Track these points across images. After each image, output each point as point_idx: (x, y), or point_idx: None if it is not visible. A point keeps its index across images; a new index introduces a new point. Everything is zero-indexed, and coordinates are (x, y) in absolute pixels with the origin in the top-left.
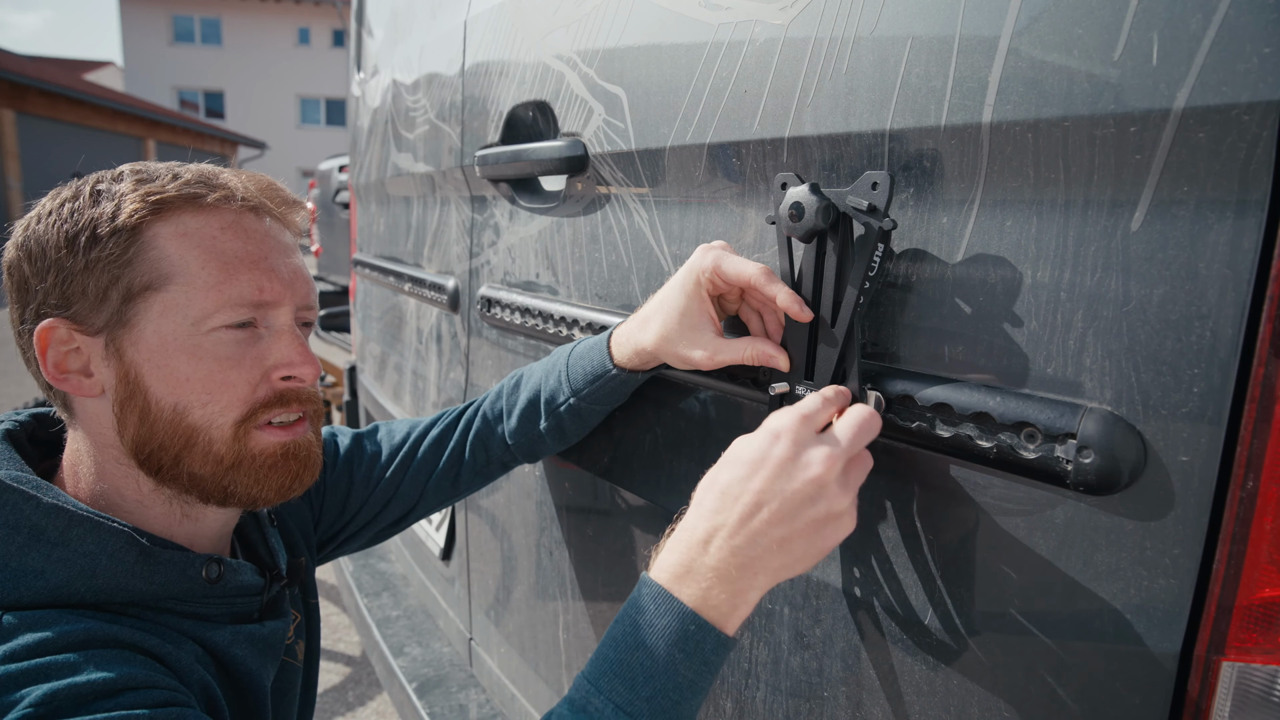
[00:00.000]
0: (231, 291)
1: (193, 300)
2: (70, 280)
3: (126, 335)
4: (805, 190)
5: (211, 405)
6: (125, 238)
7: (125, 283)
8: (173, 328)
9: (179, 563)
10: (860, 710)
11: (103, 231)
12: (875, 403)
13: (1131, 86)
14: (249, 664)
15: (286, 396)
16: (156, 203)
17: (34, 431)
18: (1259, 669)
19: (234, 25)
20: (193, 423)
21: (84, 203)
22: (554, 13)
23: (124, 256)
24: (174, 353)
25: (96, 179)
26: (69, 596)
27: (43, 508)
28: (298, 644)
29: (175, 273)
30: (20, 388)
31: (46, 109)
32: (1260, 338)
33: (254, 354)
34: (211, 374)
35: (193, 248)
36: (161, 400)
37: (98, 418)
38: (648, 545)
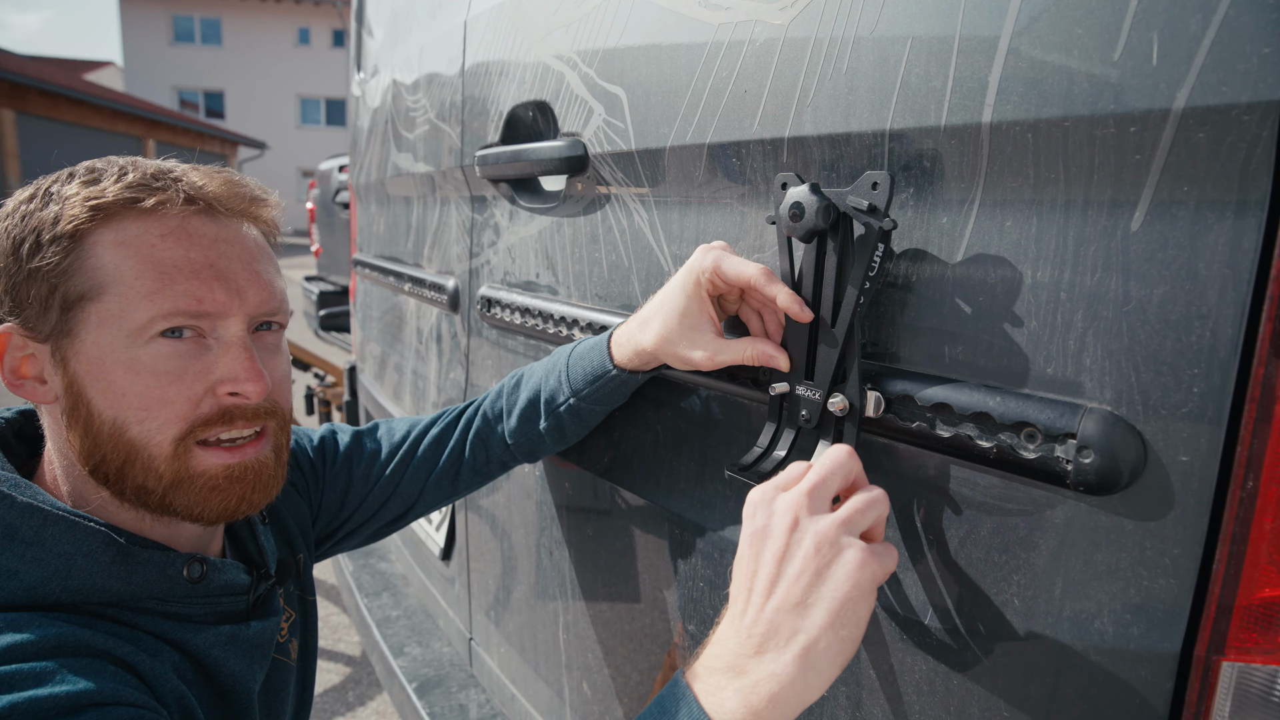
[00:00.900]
0: (166, 302)
1: (126, 311)
2: (17, 287)
3: (70, 345)
4: (805, 190)
5: (149, 421)
6: (65, 245)
7: (63, 291)
8: (109, 340)
9: (158, 562)
10: (860, 710)
11: (45, 238)
12: (875, 403)
13: (1131, 86)
14: (232, 666)
15: (231, 413)
16: (96, 208)
17: (21, 428)
18: (1259, 669)
19: (234, 25)
20: (131, 438)
21: (35, 205)
22: (554, 13)
23: (62, 264)
24: (111, 366)
25: (53, 179)
26: (44, 597)
27: (17, 506)
28: (291, 642)
29: (110, 282)
30: None
31: (47, 109)
32: (1260, 338)
33: (198, 367)
34: (149, 389)
35: (129, 256)
36: (102, 414)
37: (57, 424)
38: (648, 545)
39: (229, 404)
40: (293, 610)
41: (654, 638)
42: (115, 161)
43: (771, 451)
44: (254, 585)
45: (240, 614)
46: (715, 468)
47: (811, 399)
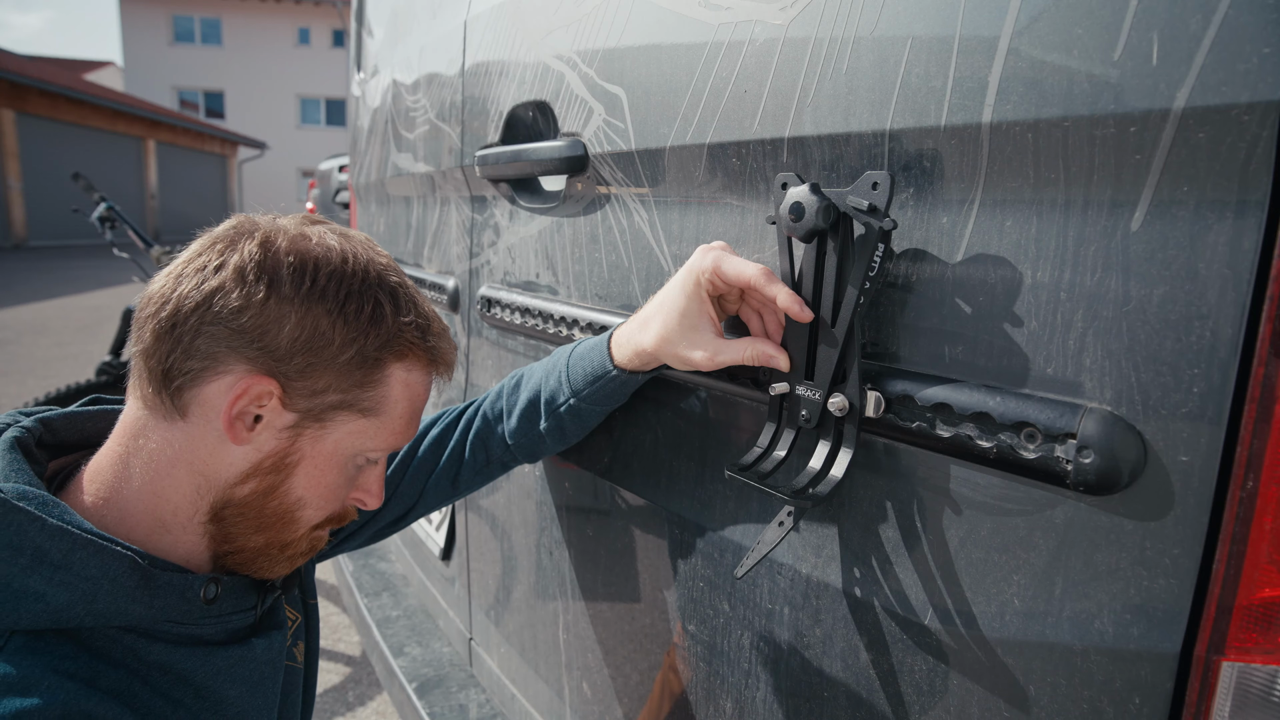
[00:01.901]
0: (396, 442)
1: (377, 438)
2: (317, 368)
3: (314, 430)
4: (805, 190)
5: (321, 510)
6: (376, 366)
7: (351, 397)
8: (349, 447)
9: (178, 585)
10: (860, 710)
11: (369, 353)
12: (875, 403)
13: (1131, 86)
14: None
15: (346, 515)
16: (409, 352)
17: (41, 436)
18: (1259, 669)
19: (234, 25)
20: (299, 516)
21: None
22: (554, 13)
23: (366, 379)
24: (334, 464)
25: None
26: (68, 620)
27: (48, 529)
28: (297, 645)
29: (384, 411)
30: (20, 388)
31: (47, 109)
32: (1260, 338)
33: (358, 475)
34: (338, 488)
35: (404, 399)
36: (293, 490)
37: (213, 450)
38: (648, 545)
39: (349, 507)
40: (297, 614)
41: (654, 638)
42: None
43: (771, 451)
44: (261, 599)
45: (248, 628)
46: (715, 468)
47: (811, 399)
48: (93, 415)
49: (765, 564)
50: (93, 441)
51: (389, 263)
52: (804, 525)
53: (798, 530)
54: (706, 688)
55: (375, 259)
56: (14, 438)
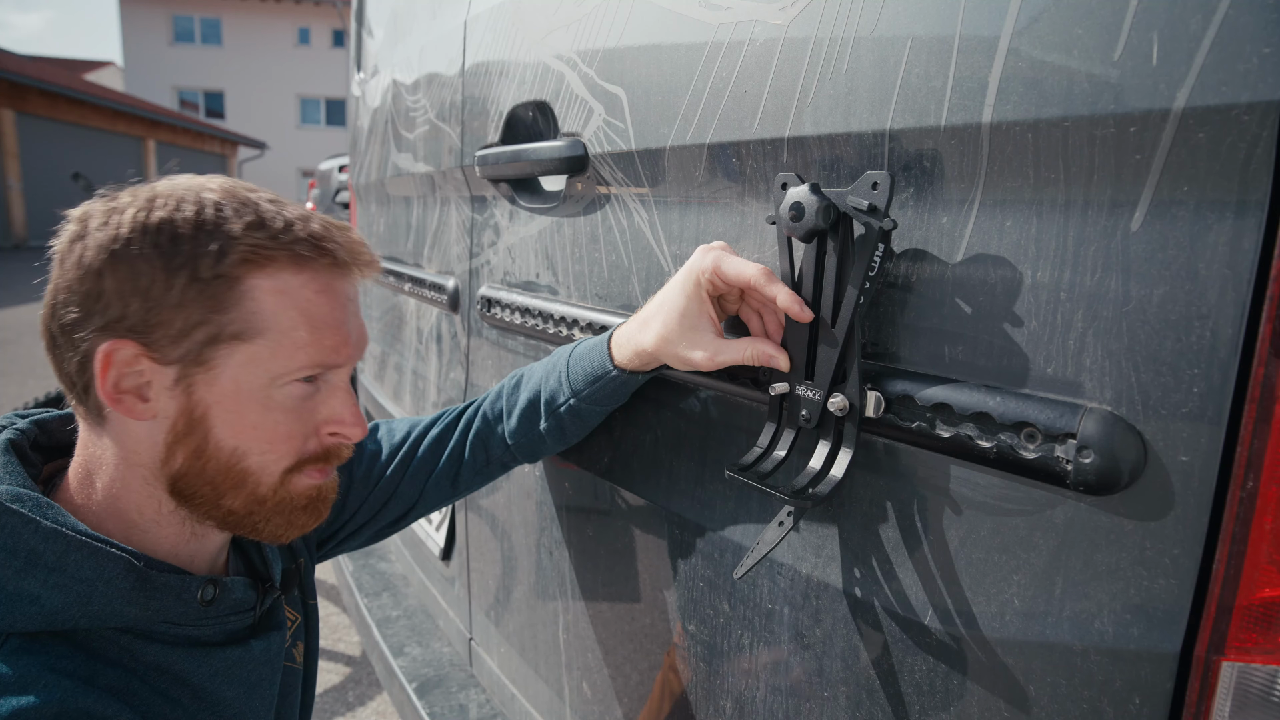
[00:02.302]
0: (316, 355)
1: (277, 357)
2: (158, 310)
3: (201, 375)
4: (805, 190)
5: (269, 454)
6: (225, 284)
7: (214, 327)
8: (251, 378)
9: (175, 586)
10: (860, 710)
11: (205, 274)
12: (875, 403)
13: (1131, 86)
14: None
15: (331, 453)
16: (263, 255)
17: (35, 438)
18: (1259, 669)
19: (234, 25)
20: (247, 466)
21: (186, 230)
22: (554, 13)
23: (220, 303)
24: (247, 402)
25: (197, 201)
26: (63, 622)
27: (41, 531)
28: (297, 645)
29: (267, 329)
30: (20, 388)
31: (47, 109)
32: (1260, 338)
33: (309, 406)
34: (277, 425)
35: (288, 307)
36: (222, 442)
37: (137, 438)
38: (648, 545)
39: (330, 444)
40: (296, 614)
41: (654, 638)
42: (266, 200)
43: (771, 451)
44: (260, 600)
45: (247, 629)
46: (715, 468)
47: (811, 399)
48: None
49: (765, 564)
50: None
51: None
52: (804, 525)
53: (798, 530)
54: (706, 688)
55: (203, 182)
56: (8, 440)
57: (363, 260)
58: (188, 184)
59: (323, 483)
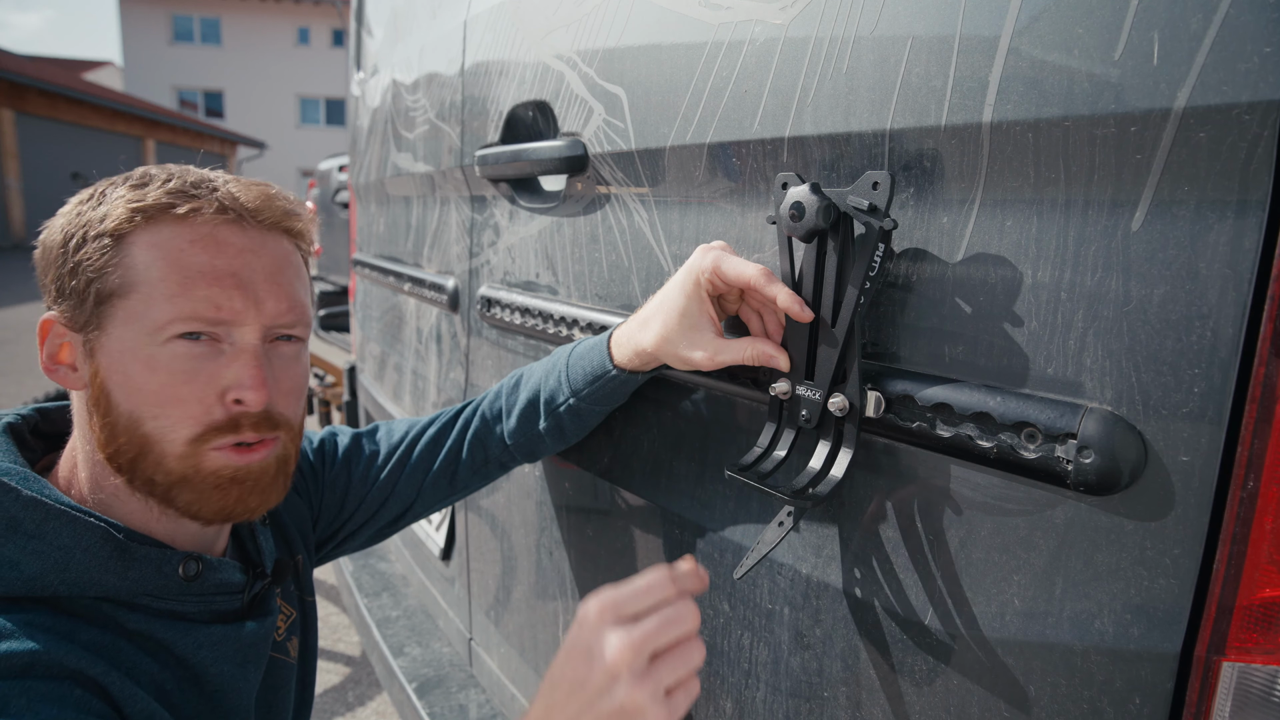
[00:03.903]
0: (185, 305)
1: (149, 310)
2: (61, 278)
3: (98, 338)
4: (806, 190)
5: (163, 418)
6: (106, 243)
7: (97, 287)
8: (132, 336)
9: (154, 559)
10: (860, 710)
11: (90, 235)
12: (875, 403)
13: (1132, 86)
14: (221, 668)
15: (239, 421)
16: (137, 210)
17: (36, 425)
18: (1259, 669)
19: (234, 25)
20: (146, 432)
21: (89, 205)
22: (554, 13)
23: (100, 261)
24: (131, 361)
25: (109, 182)
26: (43, 589)
27: (21, 500)
28: (291, 640)
29: (139, 281)
30: (20, 387)
31: (46, 109)
32: (1260, 338)
33: (209, 370)
34: (164, 386)
35: (159, 259)
36: (120, 405)
37: (83, 410)
38: (648, 545)
39: (235, 412)
40: (292, 609)
41: None
42: (168, 168)
43: (771, 452)
44: (249, 584)
45: (235, 613)
46: (715, 468)
47: (812, 399)
48: None
49: (765, 564)
50: None
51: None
52: (804, 525)
53: (798, 530)
54: (706, 688)
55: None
56: (7, 424)
57: (264, 213)
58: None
59: (240, 464)
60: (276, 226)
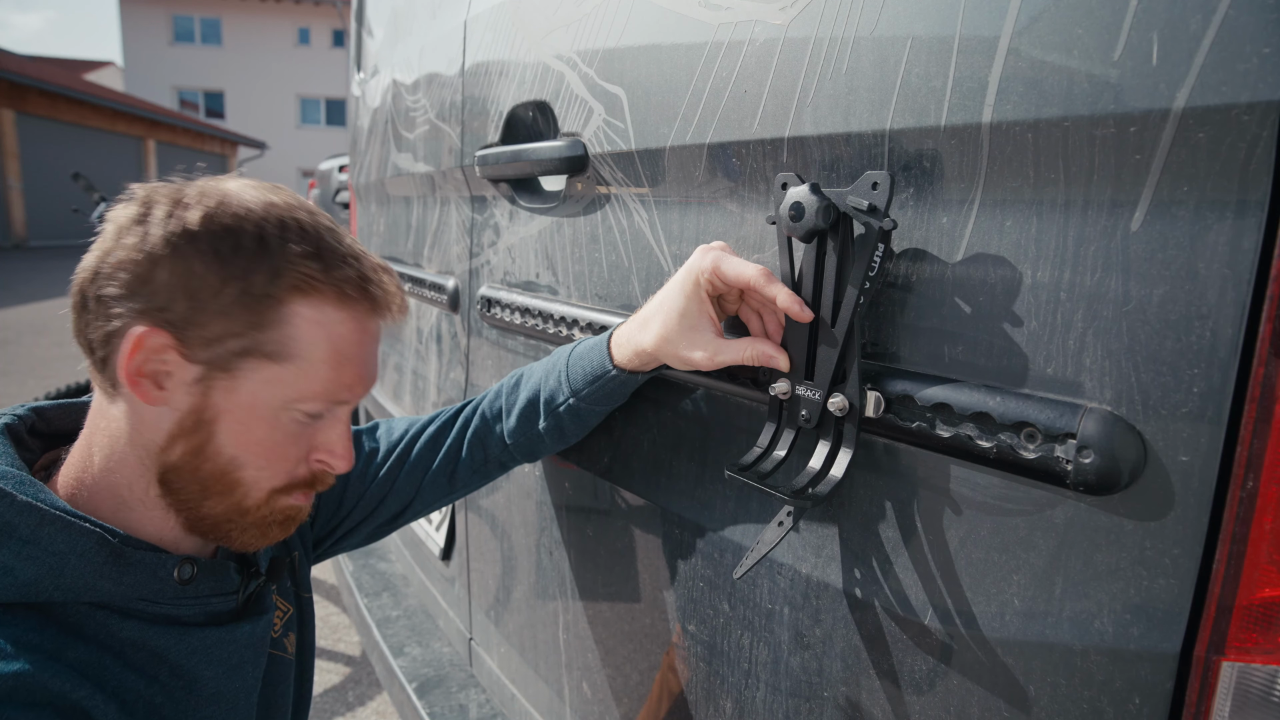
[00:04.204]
0: (335, 391)
1: (299, 385)
2: (203, 311)
3: (223, 381)
4: (805, 190)
5: (265, 470)
6: (271, 304)
7: (250, 341)
8: (269, 396)
9: (150, 563)
10: (860, 710)
11: (255, 290)
12: (875, 403)
13: (1131, 86)
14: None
15: (317, 480)
16: (312, 286)
17: (33, 425)
18: (1259, 669)
19: (234, 25)
20: (240, 478)
21: (249, 244)
22: (554, 13)
23: (261, 320)
24: (257, 418)
25: (265, 216)
26: (37, 594)
27: (16, 505)
28: (288, 636)
29: (297, 355)
30: (20, 388)
31: (46, 109)
32: (1260, 338)
33: (309, 432)
34: (277, 445)
35: (322, 340)
36: (223, 449)
37: (144, 420)
38: (648, 545)
39: (318, 470)
40: (289, 604)
41: (654, 638)
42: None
43: (771, 451)
44: (244, 584)
45: (231, 613)
46: (715, 468)
47: (811, 399)
48: (85, 405)
49: (765, 564)
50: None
51: (290, 202)
52: (804, 525)
53: (797, 530)
54: (706, 688)
55: (271, 198)
56: (4, 424)
57: (397, 305)
58: (256, 194)
59: (303, 505)
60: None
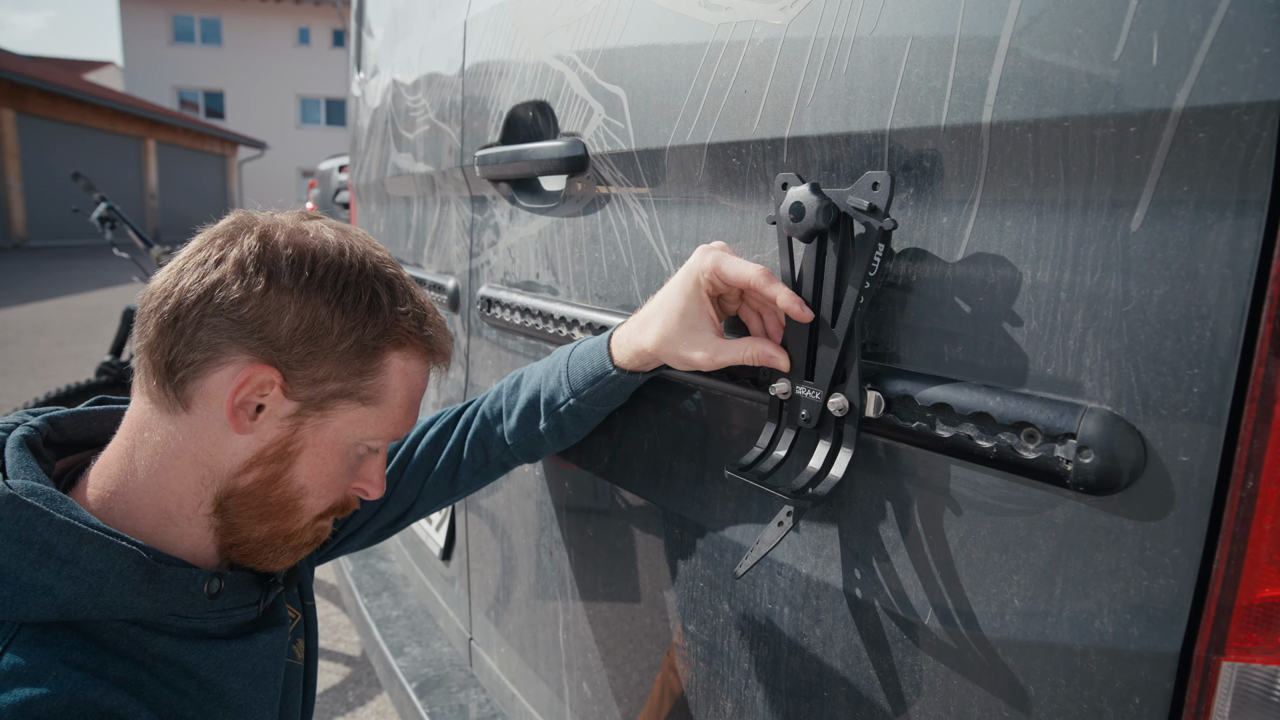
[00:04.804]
0: (396, 431)
1: (378, 426)
2: (315, 356)
3: (315, 418)
4: (806, 190)
5: (324, 499)
6: (374, 354)
7: (350, 385)
8: (350, 435)
9: (183, 579)
10: (860, 710)
11: (368, 341)
12: (875, 403)
13: (1131, 86)
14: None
15: (349, 504)
16: (407, 342)
17: (48, 435)
18: (1259, 669)
19: (234, 25)
20: (303, 505)
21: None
22: (554, 13)
23: (365, 368)
24: (335, 453)
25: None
26: (76, 613)
27: (55, 524)
28: (297, 642)
29: (383, 400)
30: (21, 388)
31: (47, 109)
32: (1260, 338)
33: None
34: (339, 477)
35: (403, 387)
36: (296, 479)
37: (216, 441)
38: (648, 545)
39: (352, 497)
40: (297, 611)
41: (654, 638)
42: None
43: (771, 451)
44: (264, 595)
45: (251, 623)
46: (715, 468)
47: (812, 399)
48: (99, 414)
49: (765, 564)
50: (98, 440)
51: (386, 255)
52: (804, 525)
53: (797, 530)
54: (706, 688)
55: (372, 251)
56: (22, 436)
57: (448, 354)
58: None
59: (328, 528)
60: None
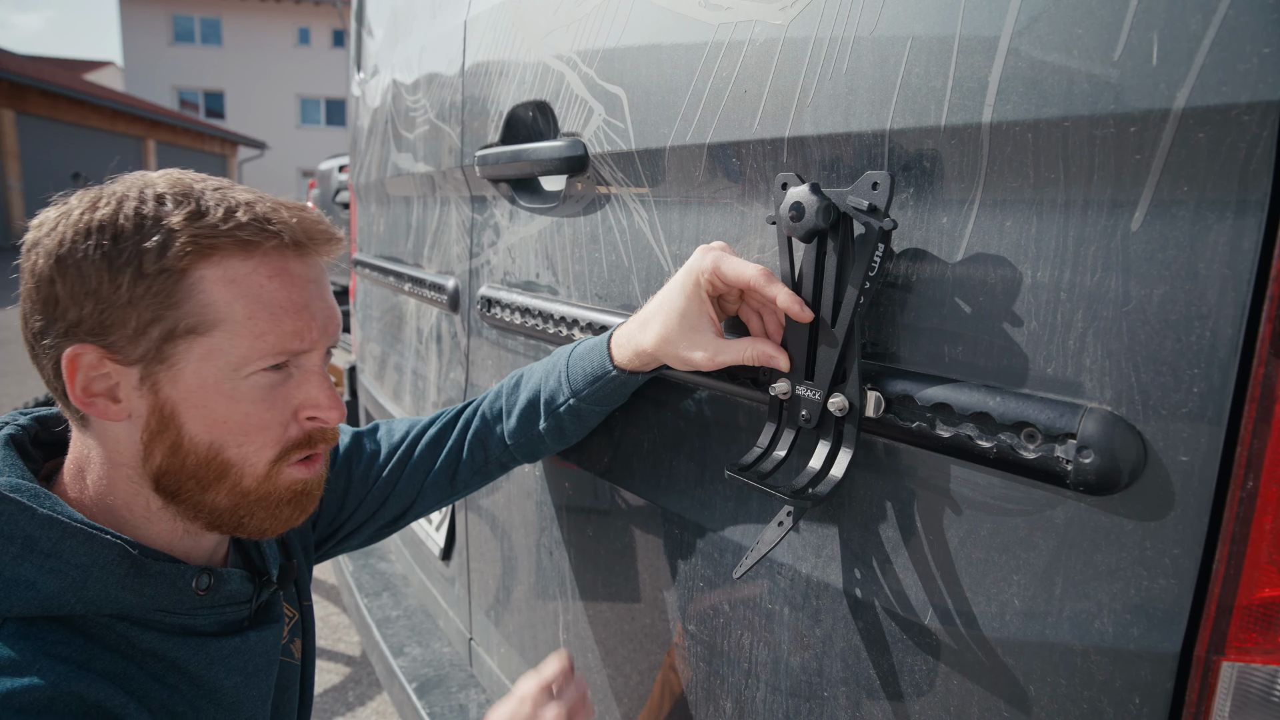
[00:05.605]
0: (275, 341)
1: (236, 348)
2: (110, 311)
3: (164, 372)
4: (806, 190)
5: (247, 445)
6: (172, 278)
7: (168, 323)
8: (213, 371)
9: (169, 575)
10: (860, 710)
11: (149, 269)
12: (875, 403)
13: (1131, 86)
14: (234, 681)
15: (314, 437)
16: (205, 245)
17: (36, 434)
18: (1259, 669)
19: (234, 25)
20: (227, 459)
21: (128, 227)
22: (554, 13)
23: (169, 298)
24: (213, 395)
25: (139, 196)
26: (59, 607)
27: (37, 519)
28: (294, 642)
29: (221, 320)
30: (21, 388)
31: (46, 109)
32: (1260, 338)
33: (283, 393)
34: (248, 416)
35: (240, 296)
36: (196, 437)
37: (117, 438)
38: (648, 545)
39: (310, 428)
40: (294, 610)
41: (654, 638)
42: (211, 189)
43: (771, 451)
44: (257, 593)
45: (243, 622)
46: (715, 468)
47: (811, 399)
48: None
49: (765, 564)
50: None
51: (176, 176)
52: (804, 525)
53: (797, 530)
54: (706, 688)
55: (152, 177)
56: (9, 435)
57: (319, 239)
58: (133, 180)
59: (309, 477)
60: (323, 251)
